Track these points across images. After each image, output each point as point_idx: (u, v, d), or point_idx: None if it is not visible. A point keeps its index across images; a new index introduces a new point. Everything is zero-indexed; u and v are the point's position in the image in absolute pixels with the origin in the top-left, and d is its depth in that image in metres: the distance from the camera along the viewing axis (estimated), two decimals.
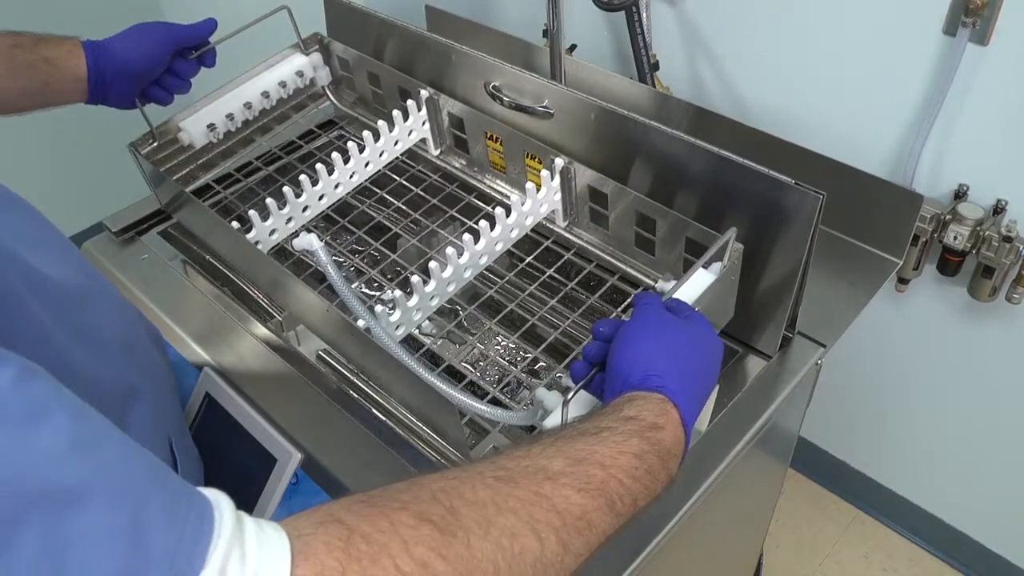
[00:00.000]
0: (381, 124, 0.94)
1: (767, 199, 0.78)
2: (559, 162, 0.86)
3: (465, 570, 0.39)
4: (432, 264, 0.79)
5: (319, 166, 0.90)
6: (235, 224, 0.86)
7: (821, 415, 1.45)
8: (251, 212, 0.86)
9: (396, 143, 0.95)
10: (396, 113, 0.94)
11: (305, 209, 0.89)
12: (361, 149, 0.92)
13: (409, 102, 0.97)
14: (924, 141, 1.05)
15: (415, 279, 0.78)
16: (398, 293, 0.77)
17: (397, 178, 1.00)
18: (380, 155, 0.94)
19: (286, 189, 0.88)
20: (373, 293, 1.02)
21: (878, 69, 1.07)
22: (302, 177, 0.89)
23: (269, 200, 0.87)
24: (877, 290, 0.95)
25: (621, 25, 1.23)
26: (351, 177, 0.92)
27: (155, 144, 0.96)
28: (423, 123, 0.98)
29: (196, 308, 0.93)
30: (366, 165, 0.93)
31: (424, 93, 0.97)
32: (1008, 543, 1.40)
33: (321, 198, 0.91)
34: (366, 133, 0.93)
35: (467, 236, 0.81)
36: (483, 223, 0.82)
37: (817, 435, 1.56)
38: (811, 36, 1.11)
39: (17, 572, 0.31)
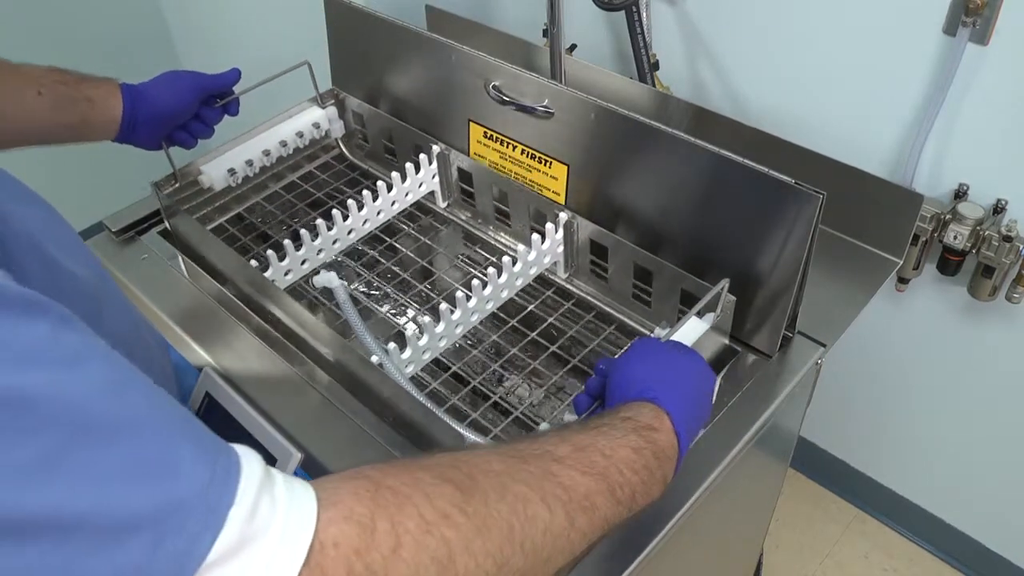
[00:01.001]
0: (395, 175, 1.00)
1: (767, 199, 0.78)
2: (563, 216, 0.92)
3: (483, 525, 0.41)
4: (443, 306, 0.83)
5: (335, 212, 0.95)
6: (253, 263, 0.91)
7: (821, 415, 1.45)
8: (269, 252, 0.91)
9: (407, 194, 1.01)
10: (408, 166, 1.00)
11: (319, 252, 0.95)
12: (375, 198, 0.98)
13: (421, 156, 1.02)
14: (924, 141, 1.05)
15: (427, 319, 0.83)
16: (409, 332, 0.81)
17: (406, 226, 1.06)
18: (392, 204, 1.00)
19: (303, 232, 0.93)
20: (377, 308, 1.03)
21: (878, 69, 1.07)
22: (319, 221, 0.94)
23: (287, 242, 0.92)
24: (877, 290, 0.95)
25: (621, 25, 1.23)
26: (364, 224, 0.98)
27: (177, 185, 1.00)
28: (433, 176, 1.03)
29: (196, 308, 0.93)
30: (378, 213, 0.99)
31: (436, 148, 1.03)
32: (1008, 543, 1.40)
33: (335, 242, 0.96)
34: (380, 183, 0.98)
35: (476, 282, 0.86)
36: (491, 270, 0.87)
37: (817, 435, 1.56)
38: (811, 36, 1.11)
39: (61, 503, 0.32)
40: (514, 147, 0.99)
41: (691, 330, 0.77)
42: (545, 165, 0.97)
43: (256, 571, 0.35)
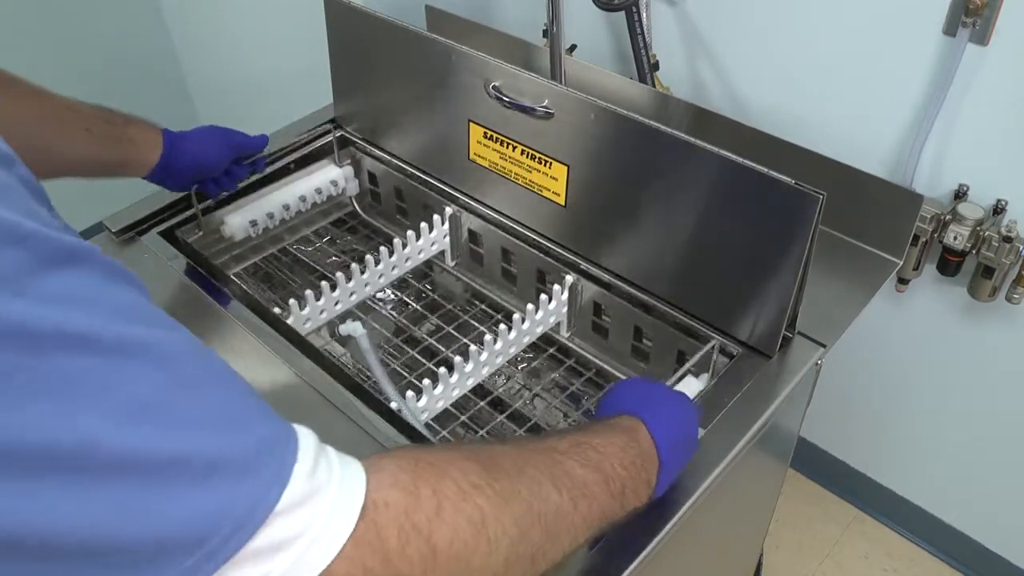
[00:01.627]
0: (410, 234, 1.05)
1: (767, 199, 0.78)
2: (569, 279, 0.96)
3: (508, 497, 0.46)
4: (456, 359, 0.88)
5: (354, 265, 1.00)
6: (276, 310, 0.95)
7: (821, 415, 1.45)
8: (291, 302, 0.95)
9: (420, 252, 1.07)
10: (423, 225, 1.06)
11: (337, 304, 1.00)
12: (391, 254, 1.03)
13: (435, 217, 1.07)
14: (924, 141, 1.05)
15: (442, 371, 0.87)
16: (426, 382, 0.85)
17: (416, 283, 1.12)
18: (405, 261, 1.06)
19: (323, 284, 0.97)
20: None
21: (878, 69, 1.07)
22: (338, 274, 0.98)
23: (308, 292, 0.96)
24: (877, 290, 0.95)
25: (621, 25, 1.23)
26: (379, 278, 1.03)
27: (200, 233, 1.05)
28: (444, 236, 1.08)
29: (196, 309, 0.93)
30: (392, 269, 1.04)
31: (448, 210, 1.06)
32: (1008, 543, 1.40)
33: (352, 295, 1.01)
34: (396, 240, 1.04)
35: (487, 337, 0.91)
36: (501, 326, 0.93)
37: (817, 435, 1.56)
38: (811, 36, 1.11)
39: (156, 442, 0.35)
40: (514, 147, 0.99)
41: (686, 388, 0.82)
42: (545, 165, 0.97)
43: (319, 521, 0.38)
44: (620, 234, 0.93)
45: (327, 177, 1.14)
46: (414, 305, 1.07)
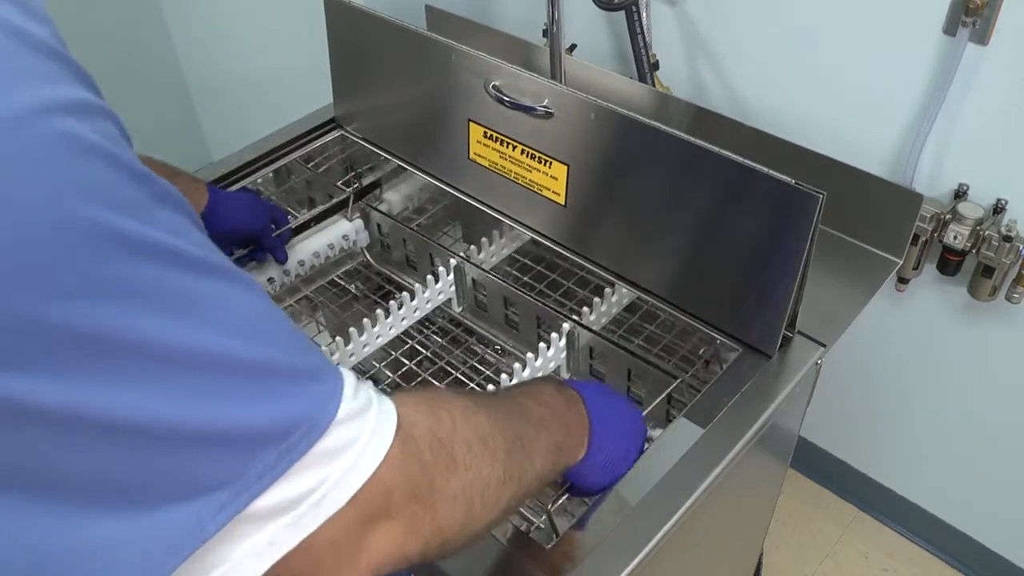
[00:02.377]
0: (418, 287, 1.09)
1: (767, 199, 0.78)
2: (566, 326, 0.98)
3: (495, 422, 0.55)
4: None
5: (365, 320, 1.04)
6: None
7: (821, 415, 1.45)
8: None
9: (428, 302, 1.11)
10: (429, 277, 1.10)
11: (351, 356, 1.04)
12: (400, 307, 1.08)
13: (440, 268, 1.11)
14: (924, 141, 1.05)
15: None
16: None
17: (423, 331, 1.16)
18: (414, 312, 1.10)
19: (338, 338, 1.02)
20: None
21: (878, 69, 1.07)
22: (351, 329, 1.02)
23: (324, 348, 1.00)
24: (877, 290, 0.95)
25: (621, 25, 1.23)
26: (390, 330, 1.08)
27: None
28: (450, 286, 1.13)
29: None
30: (402, 320, 1.09)
31: (453, 261, 1.09)
32: (1008, 543, 1.40)
33: (364, 347, 1.05)
34: (404, 294, 1.08)
35: (492, 384, 0.96)
36: (503, 376, 0.96)
37: (817, 435, 1.56)
38: (811, 36, 1.11)
39: (256, 353, 0.40)
40: (514, 147, 0.99)
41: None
42: (545, 165, 0.97)
43: (367, 431, 0.45)
44: (620, 234, 0.94)
45: (339, 232, 1.20)
46: (422, 351, 1.12)
